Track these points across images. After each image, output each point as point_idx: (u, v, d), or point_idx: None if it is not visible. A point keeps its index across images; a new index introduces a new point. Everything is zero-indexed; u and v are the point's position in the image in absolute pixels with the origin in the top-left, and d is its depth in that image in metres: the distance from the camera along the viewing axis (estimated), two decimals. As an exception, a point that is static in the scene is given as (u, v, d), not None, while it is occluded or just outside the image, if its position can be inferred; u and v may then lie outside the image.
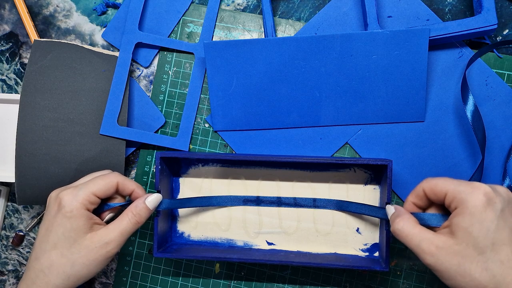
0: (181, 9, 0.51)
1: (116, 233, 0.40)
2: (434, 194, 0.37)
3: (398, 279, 0.49)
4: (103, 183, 0.41)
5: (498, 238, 0.33)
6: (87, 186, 0.40)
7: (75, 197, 0.39)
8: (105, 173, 0.43)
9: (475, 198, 0.34)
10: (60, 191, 0.41)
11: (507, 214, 0.34)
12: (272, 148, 0.49)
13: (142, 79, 0.52)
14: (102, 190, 0.41)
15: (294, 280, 0.50)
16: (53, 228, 0.39)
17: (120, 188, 0.42)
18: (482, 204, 0.33)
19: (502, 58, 0.48)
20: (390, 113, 0.48)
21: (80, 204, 0.39)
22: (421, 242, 0.35)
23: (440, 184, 0.37)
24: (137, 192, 0.43)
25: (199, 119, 0.51)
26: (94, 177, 0.42)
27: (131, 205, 0.42)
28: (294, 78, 0.47)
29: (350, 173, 0.48)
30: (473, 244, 0.33)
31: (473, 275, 0.33)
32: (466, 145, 0.47)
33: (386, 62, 0.46)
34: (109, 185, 0.41)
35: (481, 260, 0.33)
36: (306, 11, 0.50)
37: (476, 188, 0.34)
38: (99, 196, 0.41)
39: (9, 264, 0.55)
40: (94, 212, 0.41)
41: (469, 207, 0.34)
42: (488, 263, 0.33)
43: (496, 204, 0.33)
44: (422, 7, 0.48)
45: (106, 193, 0.41)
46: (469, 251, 0.33)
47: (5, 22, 0.54)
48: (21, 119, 0.49)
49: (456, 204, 0.35)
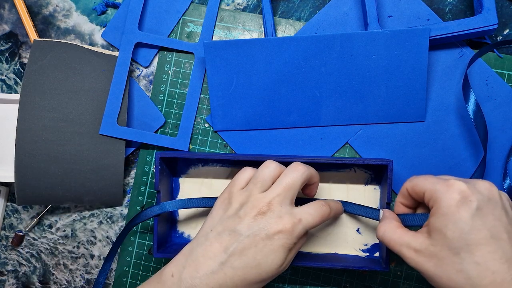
0: (181, 9, 0.51)
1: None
2: (415, 193, 0.37)
3: (399, 279, 0.49)
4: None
5: (473, 238, 0.32)
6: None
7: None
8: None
9: (449, 197, 0.33)
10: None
11: (485, 213, 0.32)
12: (272, 148, 0.49)
13: (142, 79, 0.52)
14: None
15: (294, 280, 0.50)
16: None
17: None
18: (455, 203, 0.32)
19: (502, 58, 0.48)
20: (390, 113, 0.48)
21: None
22: (401, 247, 0.35)
23: (420, 183, 0.36)
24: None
25: (199, 119, 0.51)
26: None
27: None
28: (294, 78, 0.47)
29: (350, 173, 0.48)
30: (447, 245, 0.32)
31: (450, 276, 0.32)
32: (466, 145, 0.47)
33: (386, 62, 0.46)
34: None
35: (456, 261, 0.32)
36: (306, 11, 0.50)
37: (450, 187, 0.33)
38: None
39: (9, 264, 0.54)
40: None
41: (443, 207, 0.33)
42: (463, 265, 0.32)
43: (471, 202, 0.32)
44: (423, 7, 0.48)
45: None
46: (444, 252, 0.32)
47: (4, 22, 0.53)
48: (21, 119, 0.48)
49: (432, 203, 0.34)
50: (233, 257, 0.36)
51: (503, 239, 0.32)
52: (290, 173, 0.39)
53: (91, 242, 0.53)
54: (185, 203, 0.45)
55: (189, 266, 0.37)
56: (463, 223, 0.32)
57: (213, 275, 0.36)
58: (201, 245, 0.37)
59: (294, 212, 0.37)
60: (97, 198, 0.50)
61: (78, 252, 0.53)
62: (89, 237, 0.53)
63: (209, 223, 0.39)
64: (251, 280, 0.36)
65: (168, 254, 0.45)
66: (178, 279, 0.37)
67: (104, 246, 0.53)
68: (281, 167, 0.40)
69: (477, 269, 0.31)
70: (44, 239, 0.54)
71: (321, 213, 0.39)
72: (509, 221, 0.33)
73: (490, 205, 0.33)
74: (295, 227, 0.36)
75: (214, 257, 0.36)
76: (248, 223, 0.37)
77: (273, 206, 0.37)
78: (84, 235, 0.53)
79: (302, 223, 0.37)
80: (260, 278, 0.36)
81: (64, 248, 0.53)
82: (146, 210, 0.45)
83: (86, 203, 0.51)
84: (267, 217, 0.37)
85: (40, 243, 0.54)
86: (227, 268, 0.36)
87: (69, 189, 0.49)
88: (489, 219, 0.32)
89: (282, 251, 0.36)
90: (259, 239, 0.36)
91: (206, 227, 0.39)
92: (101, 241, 0.53)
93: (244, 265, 0.36)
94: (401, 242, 0.35)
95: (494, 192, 0.34)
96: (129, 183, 0.52)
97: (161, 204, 0.45)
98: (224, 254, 0.36)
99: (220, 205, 0.40)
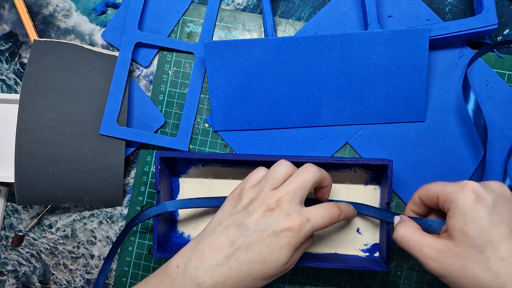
0: (181, 8, 0.51)
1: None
2: (429, 199, 0.37)
3: (399, 279, 0.49)
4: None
5: (495, 234, 0.32)
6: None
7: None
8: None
9: (463, 196, 0.33)
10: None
11: (500, 209, 0.33)
12: (272, 148, 0.49)
13: (142, 79, 0.52)
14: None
15: (294, 280, 0.50)
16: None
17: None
18: (471, 201, 0.33)
19: (502, 58, 0.48)
20: (390, 113, 0.48)
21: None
22: (422, 247, 0.35)
23: (432, 188, 0.37)
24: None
25: (199, 119, 0.51)
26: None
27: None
28: (294, 78, 0.47)
29: (351, 173, 0.48)
30: (471, 244, 0.32)
31: (477, 276, 0.32)
32: (466, 145, 0.47)
33: (386, 62, 0.46)
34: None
35: (482, 259, 0.32)
36: (306, 11, 0.50)
37: (463, 187, 0.34)
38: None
39: (9, 264, 0.54)
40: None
41: (459, 206, 0.33)
42: (489, 262, 0.31)
43: (486, 199, 0.33)
44: (423, 7, 0.48)
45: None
46: (469, 251, 0.32)
47: (4, 22, 0.53)
48: (21, 119, 0.48)
49: (448, 206, 0.34)
50: (239, 251, 0.36)
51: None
52: (302, 173, 0.39)
53: (91, 242, 0.53)
54: (185, 203, 0.45)
55: (195, 257, 0.37)
56: (483, 220, 0.32)
57: (218, 267, 0.36)
58: (208, 238, 0.38)
59: (303, 211, 0.37)
60: (97, 198, 0.50)
61: (78, 252, 0.53)
62: (89, 237, 0.53)
63: (218, 217, 0.39)
64: (255, 276, 0.36)
65: (168, 254, 0.45)
66: (183, 270, 0.37)
67: (104, 246, 0.53)
68: (294, 168, 0.40)
69: (504, 266, 0.31)
70: (44, 239, 0.54)
71: (331, 215, 0.39)
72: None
73: (503, 202, 0.33)
74: (302, 225, 0.36)
75: (220, 250, 0.36)
76: (256, 219, 0.37)
77: (282, 204, 0.37)
78: (84, 235, 0.53)
79: (310, 223, 0.37)
80: (264, 274, 0.37)
81: (64, 248, 0.53)
82: (146, 210, 0.45)
83: (86, 203, 0.51)
84: (275, 214, 0.37)
85: (40, 243, 0.54)
86: (232, 262, 0.36)
87: (69, 189, 0.49)
88: (505, 215, 0.32)
89: (288, 249, 0.36)
90: (266, 235, 0.36)
91: (215, 221, 0.39)
92: (101, 241, 0.53)
93: (249, 260, 0.36)
94: (423, 242, 0.35)
95: (506, 190, 0.34)
96: (129, 183, 0.52)
97: (161, 204, 0.45)
98: (230, 247, 0.36)
99: (231, 200, 0.40)
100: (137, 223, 0.46)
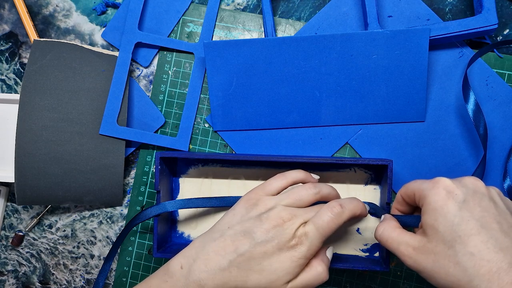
0: (181, 8, 0.51)
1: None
2: (408, 197, 0.38)
3: (399, 279, 0.49)
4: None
5: (464, 229, 0.32)
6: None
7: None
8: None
9: (435, 193, 0.34)
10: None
11: (472, 205, 0.33)
12: (272, 148, 0.49)
13: (142, 79, 0.52)
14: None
15: (294, 280, 0.50)
16: None
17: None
18: (442, 198, 0.33)
19: (502, 58, 0.48)
20: (390, 113, 0.48)
21: None
22: (399, 245, 0.35)
23: (410, 186, 0.38)
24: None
25: (199, 119, 0.51)
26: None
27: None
28: (294, 78, 0.47)
29: (351, 173, 0.48)
30: (441, 240, 0.33)
31: (447, 271, 0.32)
32: (466, 145, 0.47)
33: (386, 62, 0.46)
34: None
35: (451, 254, 0.32)
36: (306, 11, 0.50)
37: (436, 183, 0.34)
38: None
39: (9, 264, 0.54)
40: None
41: (431, 203, 0.34)
42: (459, 257, 0.32)
43: (457, 195, 0.33)
44: (423, 7, 0.48)
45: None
46: (439, 247, 0.33)
47: (4, 22, 0.53)
48: (21, 119, 0.48)
49: (422, 202, 0.35)
50: (242, 258, 0.36)
51: (494, 229, 0.32)
52: (337, 217, 0.38)
53: (91, 242, 0.53)
54: (185, 203, 0.45)
55: (200, 259, 0.37)
56: (452, 216, 0.33)
57: (220, 272, 0.36)
58: (215, 241, 0.38)
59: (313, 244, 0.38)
60: (97, 198, 0.50)
61: (78, 252, 0.53)
62: (89, 237, 0.53)
63: (228, 220, 0.39)
64: (251, 285, 0.37)
65: (168, 254, 0.45)
66: (188, 271, 0.37)
67: (104, 246, 0.53)
68: (317, 195, 0.40)
69: (472, 260, 0.31)
70: (44, 239, 0.54)
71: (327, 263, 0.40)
72: (499, 212, 0.33)
73: (476, 197, 0.33)
74: (309, 251, 0.37)
75: (225, 255, 0.37)
76: (266, 229, 0.37)
77: (299, 233, 0.37)
78: (84, 235, 0.53)
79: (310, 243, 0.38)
80: (258, 284, 0.37)
81: (64, 248, 0.53)
82: (146, 210, 0.45)
83: (86, 203, 0.51)
84: (285, 227, 0.37)
85: (40, 243, 0.54)
86: (233, 267, 0.36)
87: (69, 189, 0.49)
88: (476, 210, 0.33)
89: (289, 263, 0.37)
90: (270, 246, 0.37)
91: (224, 223, 0.39)
92: (101, 241, 0.53)
93: (249, 268, 0.36)
94: (399, 240, 0.36)
95: (480, 185, 0.34)
96: (129, 183, 0.52)
97: (161, 204, 0.45)
98: (234, 253, 0.37)
99: (244, 204, 0.40)
100: (137, 223, 0.46)
